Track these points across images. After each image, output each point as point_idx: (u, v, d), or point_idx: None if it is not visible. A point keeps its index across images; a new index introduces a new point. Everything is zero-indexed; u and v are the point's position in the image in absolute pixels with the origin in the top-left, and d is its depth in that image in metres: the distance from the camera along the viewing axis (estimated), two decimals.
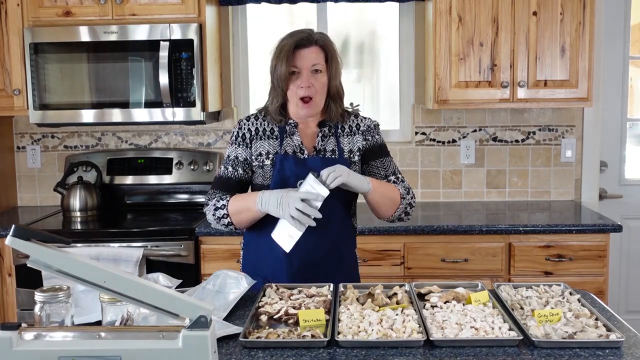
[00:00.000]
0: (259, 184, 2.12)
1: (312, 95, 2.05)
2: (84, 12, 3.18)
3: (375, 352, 1.47)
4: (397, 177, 2.16)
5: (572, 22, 3.14)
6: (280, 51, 2.05)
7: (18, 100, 3.25)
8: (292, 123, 2.13)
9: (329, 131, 2.15)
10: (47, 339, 1.22)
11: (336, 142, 2.14)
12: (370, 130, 2.19)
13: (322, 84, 2.07)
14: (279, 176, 2.06)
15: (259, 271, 2.11)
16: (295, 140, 2.12)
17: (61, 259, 1.20)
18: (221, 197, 2.09)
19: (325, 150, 2.12)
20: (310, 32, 2.09)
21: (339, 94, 2.15)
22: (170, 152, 3.59)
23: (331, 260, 2.09)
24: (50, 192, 3.61)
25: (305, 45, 2.05)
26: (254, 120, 2.17)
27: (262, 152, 2.12)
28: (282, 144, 2.11)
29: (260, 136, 2.14)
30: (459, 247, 2.98)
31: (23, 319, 2.97)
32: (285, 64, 2.03)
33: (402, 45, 3.62)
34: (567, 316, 1.63)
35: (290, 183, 2.03)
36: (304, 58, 2.05)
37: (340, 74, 2.14)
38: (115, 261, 2.87)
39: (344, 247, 2.16)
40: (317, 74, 2.06)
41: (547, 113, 3.57)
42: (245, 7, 3.63)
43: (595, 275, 2.98)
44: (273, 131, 2.14)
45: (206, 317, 1.20)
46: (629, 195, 3.76)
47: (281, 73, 2.04)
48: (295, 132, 2.12)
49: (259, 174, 2.12)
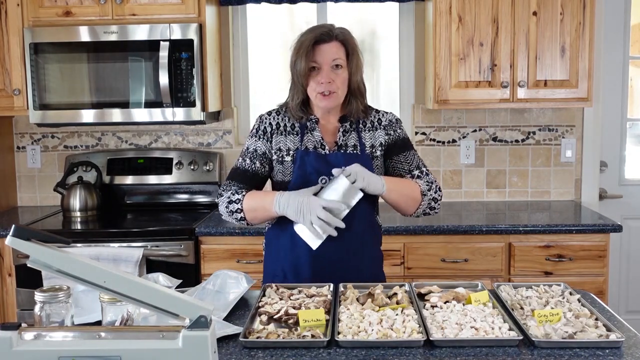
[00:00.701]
0: (279, 180, 2.09)
1: (333, 90, 2.01)
2: (84, 12, 3.18)
3: (375, 352, 1.47)
4: (421, 171, 2.12)
5: (572, 22, 3.14)
6: (300, 46, 2.02)
7: (18, 100, 3.25)
8: (313, 119, 2.10)
9: (350, 126, 2.11)
10: (47, 339, 1.22)
11: (358, 137, 2.10)
12: (392, 124, 2.15)
13: (342, 79, 2.03)
14: (300, 172, 2.03)
15: (279, 269, 2.08)
16: (316, 135, 2.08)
17: (61, 259, 1.20)
18: (236, 191, 2.05)
19: (346, 146, 2.08)
20: (330, 27, 2.06)
21: (359, 89, 2.10)
22: (170, 152, 3.59)
23: (356, 259, 2.06)
24: (50, 192, 3.61)
25: (325, 40, 2.01)
26: (275, 115, 2.13)
27: (282, 147, 2.08)
28: (303, 140, 2.08)
29: (280, 131, 2.10)
30: (459, 247, 2.98)
31: (23, 319, 2.97)
32: (304, 60, 1.99)
33: (402, 45, 3.62)
34: (567, 316, 1.63)
35: (311, 179, 2.00)
36: (324, 53, 2.01)
37: (362, 69, 2.09)
38: (115, 261, 2.87)
39: (370, 245, 2.13)
40: (337, 69, 2.02)
41: (547, 113, 3.57)
42: (245, 7, 3.63)
43: (595, 275, 2.98)
44: (294, 127, 2.10)
45: (206, 317, 1.20)
46: (629, 195, 3.76)
47: (301, 69, 2.01)
48: (316, 128, 2.09)
49: (278, 170, 2.08)
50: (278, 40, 3.71)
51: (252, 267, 2.96)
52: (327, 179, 1.97)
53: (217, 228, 3.01)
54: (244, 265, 2.99)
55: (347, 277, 1.96)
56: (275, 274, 2.10)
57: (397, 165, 2.13)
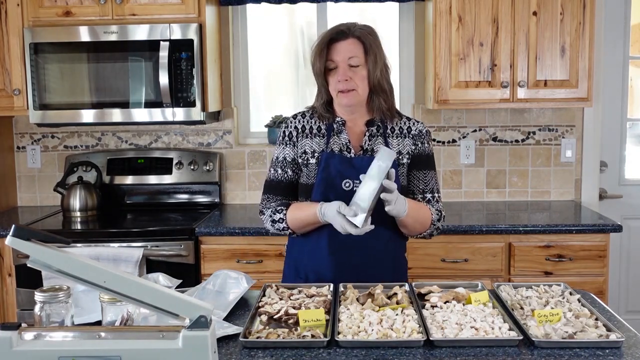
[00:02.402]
0: (303, 182, 2.06)
1: (352, 88, 1.98)
2: (84, 12, 3.18)
3: (375, 352, 1.47)
4: (433, 196, 2.08)
5: (572, 22, 3.14)
6: (317, 47, 2.00)
7: (18, 100, 3.25)
8: (340, 121, 2.06)
9: (377, 131, 2.06)
10: (47, 339, 1.22)
11: (384, 142, 2.05)
12: (421, 135, 2.09)
13: (361, 77, 1.99)
14: (324, 174, 2.00)
15: (302, 272, 2.07)
16: (342, 138, 2.04)
17: (61, 259, 1.20)
18: (276, 209, 2.03)
19: (372, 151, 2.04)
20: (350, 25, 2.02)
21: (381, 87, 2.03)
22: (170, 152, 3.59)
23: (380, 266, 2.03)
24: (50, 192, 3.61)
25: (341, 38, 1.98)
26: (301, 118, 2.11)
27: (307, 150, 2.06)
28: (329, 143, 2.05)
29: (306, 134, 2.07)
30: (459, 247, 2.98)
31: (23, 319, 2.97)
32: (320, 59, 1.97)
33: (402, 45, 3.62)
34: (567, 316, 1.63)
35: (335, 183, 1.98)
36: (339, 51, 1.97)
37: (384, 67, 2.04)
38: (115, 261, 2.87)
39: (394, 251, 2.10)
40: (355, 67, 1.98)
41: (547, 113, 3.57)
42: (245, 7, 3.63)
43: (595, 275, 2.98)
44: (320, 129, 2.07)
45: (206, 317, 1.20)
46: (629, 195, 3.76)
47: (317, 68, 1.99)
48: (343, 130, 2.05)
49: (304, 172, 2.06)
50: (278, 40, 3.71)
51: (252, 267, 2.97)
52: (352, 183, 1.95)
53: (217, 228, 3.01)
54: (244, 265, 2.99)
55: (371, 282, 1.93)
56: (299, 276, 2.08)
57: (413, 180, 2.09)
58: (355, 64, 1.98)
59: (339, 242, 1.99)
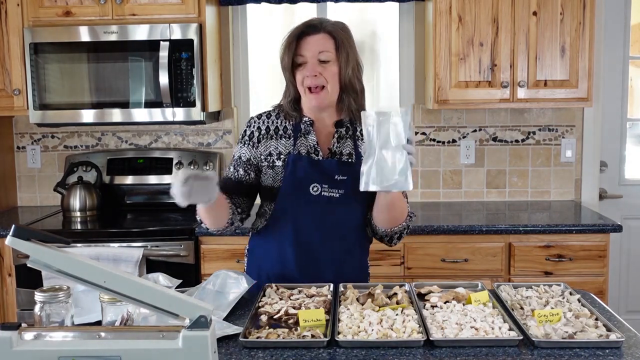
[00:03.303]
0: (268, 185, 1.99)
1: (320, 84, 1.90)
2: (84, 12, 3.18)
3: (375, 352, 1.47)
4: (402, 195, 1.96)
5: (572, 22, 3.14)
6: (286, 40, 1.94)
7: (18, 100, 3.25)
8: (308, 121, 1.98)
9: (346, 132, 1.99)
10: (47, 339, 1.22)
11: (353, 145, 1.98)
12: None
13: (331, 73, 1.90)
14: (292, 178, 1.93)
15: (263, 273, 2.04)
16: (310, 140, 1.97)
17: (61, 259, 1.20)
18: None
19: (341, 153, 1.97)
20: (322, 19, 1.96)
21: (352, 86, 1.95)
22: (170, 152, 3.59)
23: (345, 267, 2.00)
24: (50, 192, 3.61)
25: (312, 32, 1.91)
26: (266, 118, 2.03)
27: (273, 152, 1.99)
28: (296, 144, 1.97)
29: (271, 135, 2.00)
30: (459, 247, 2.98)
31: (23, 319, 2.97)
32: (288, 53, 1.90)
33: (402, 45, 3.62)
34: (567, 316, 1.63)
35: (303, 186, 1.93)
36: (309, 45, 1.90)
37: (357, 65, 1.95)
38: (115, 261, 2.87)
39: (360, 254, 2.07)
40: (325, 63, 1.90)
41: (547, 113, 3.57)
42: (245, 7, 3.63)
43: (595, 275, 2.98)
44: (286, 130, 2.00)
45: (206, 317, 1.20)
46: (629, 195, 3.76)
47: (286, 63, 1.92)
48: (311, 131, 1.98)
49: (269, 175, 1.99)
50: (278, 41, 3.70)
51: None
52: (320, 187, 1.92)
53: None
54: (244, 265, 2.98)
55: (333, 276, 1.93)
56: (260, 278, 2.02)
57: None
58: (325, 59, 1.90)
59: (303, 244, 1.95)
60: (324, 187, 1.93)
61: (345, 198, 1.94)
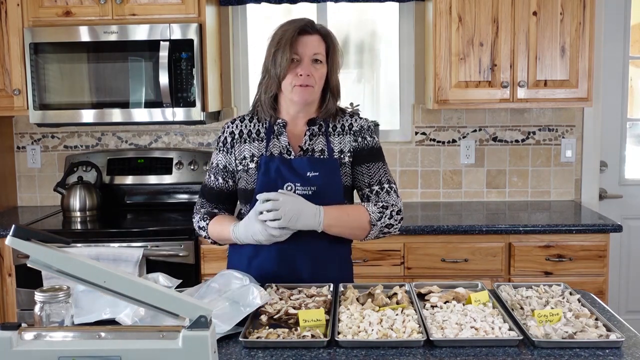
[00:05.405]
0: (242, 188, 2.01)
1: (310, 84, 1.94)
2: (84, 12, 3.18)
3: (375, 352, 1.47)
4: (381, 187, 2.00)
5: (572, 22, 3.14)
6: (281, 38, 1.94)
7: (18, 100, 3.25)
8: (281, 122, 2.01)
9: (319, 130, 2.02)
10: (47, 339, 1.22)
11: (326, 141, 2.01)
12: (362, 131, 2.03)
13: (320, 75, 1.96)
14: (265, 179, 1.95)
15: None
16: (282, 140, 2.00)
17: (61, 259, 1.20)
18: (202, 217, 2.04)
19: (313, 151, 1.99)
20: (310, 20, 2.00)
21: (337, 89, 2.03)
22: (170, 152, 3.59)
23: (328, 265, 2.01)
24: (50, 192, 3.61)
25: (308, 32, 1.95)
26: (239, 122, 2.06)
27: (247, 155, 2.01)
28: (268, 146, 2.00)
29: (244, 139, 2.03)
30: (459, 247, 2.98)
31: (23, 319, 2.97)
32: (287, 51, 1.92)
33: (402, 45, 3.62)
34: (567, 316, 1.63)
35: (276, 186, 1.93)
36: (306, 45, 1.94)
37: (339, 68, 2.04)
38: (115, 261, 2.87)
39: (341, 251, 2.07)
40: (316, 64, 1.95)
41: (547, 113, 3.57)
42: (245, 7, 3.63)
43: (595, 275, 2.98)
44: (259, 132, 2.03)
45: (206, 317, 1.20)
46: (629, 195, 3.76)
47: (282, 60, 1.93)
48: (283, 132, 2.00)
49: (243, 178, 2.01)
50: None
51: None
52: (293, 186, 1.93)
53: None
54: None
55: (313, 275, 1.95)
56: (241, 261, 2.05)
57: (357, 176, 2.02)
58: (317, 60, 1.96)
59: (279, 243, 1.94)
60: (297, 186, 1.95)
61: (318, 194, 1.94)
